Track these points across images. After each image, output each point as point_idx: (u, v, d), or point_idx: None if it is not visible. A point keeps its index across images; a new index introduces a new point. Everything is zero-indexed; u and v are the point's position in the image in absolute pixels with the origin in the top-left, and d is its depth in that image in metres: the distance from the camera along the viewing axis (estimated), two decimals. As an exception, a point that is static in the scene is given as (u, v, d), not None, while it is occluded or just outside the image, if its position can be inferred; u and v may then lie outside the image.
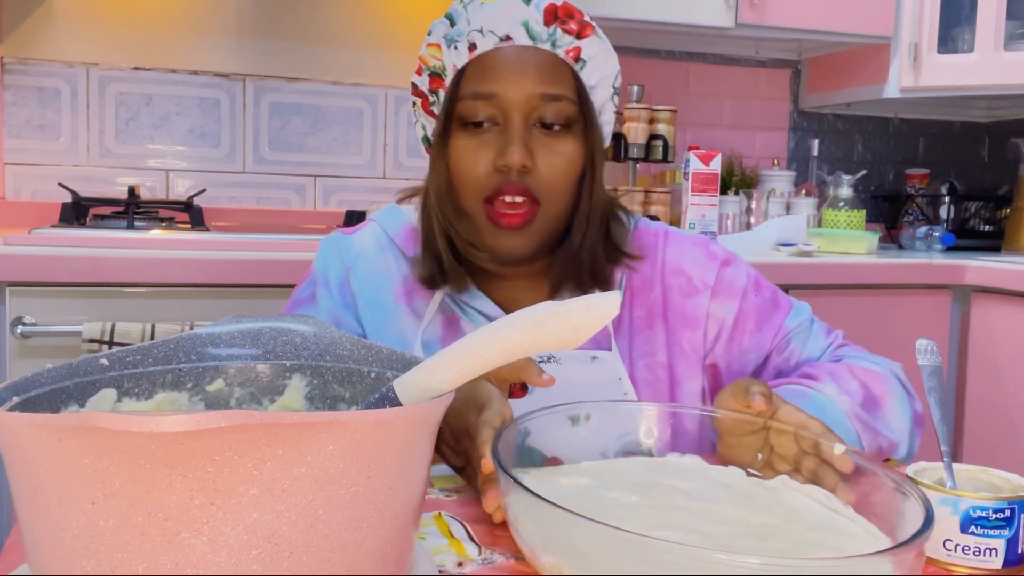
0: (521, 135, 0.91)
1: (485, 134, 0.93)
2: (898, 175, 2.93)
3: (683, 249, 1.05)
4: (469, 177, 0.93)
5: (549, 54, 0.94)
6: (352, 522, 0.46)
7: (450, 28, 0.96)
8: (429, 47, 0.98)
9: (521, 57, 0.93)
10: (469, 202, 0.94)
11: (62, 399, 0.55)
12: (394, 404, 0.53)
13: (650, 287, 1.04)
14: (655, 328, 1.03)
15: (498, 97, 0.92)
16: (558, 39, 0.94)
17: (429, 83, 0.99)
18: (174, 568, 0.42)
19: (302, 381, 0.64)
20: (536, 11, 0.94)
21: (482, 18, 0.94)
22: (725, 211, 2.42)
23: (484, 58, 0.94)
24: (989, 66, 2.31)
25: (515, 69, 0.92)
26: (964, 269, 2.10)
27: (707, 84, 2.71)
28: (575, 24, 0.95)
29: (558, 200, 0.94)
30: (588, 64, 0.96)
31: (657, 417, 0.82)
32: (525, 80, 0.92)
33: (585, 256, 0.97)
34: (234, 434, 0.41)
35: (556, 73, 0.93)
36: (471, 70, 0.94)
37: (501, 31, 0.93)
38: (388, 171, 2.37)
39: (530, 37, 0.93)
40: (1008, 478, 0.70)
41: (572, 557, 0.55)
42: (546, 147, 0.93)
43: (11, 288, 1.51)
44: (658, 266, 1.04)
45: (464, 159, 0.93)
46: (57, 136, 2.11)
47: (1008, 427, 2.02)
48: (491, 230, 0.93)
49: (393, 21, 2.33)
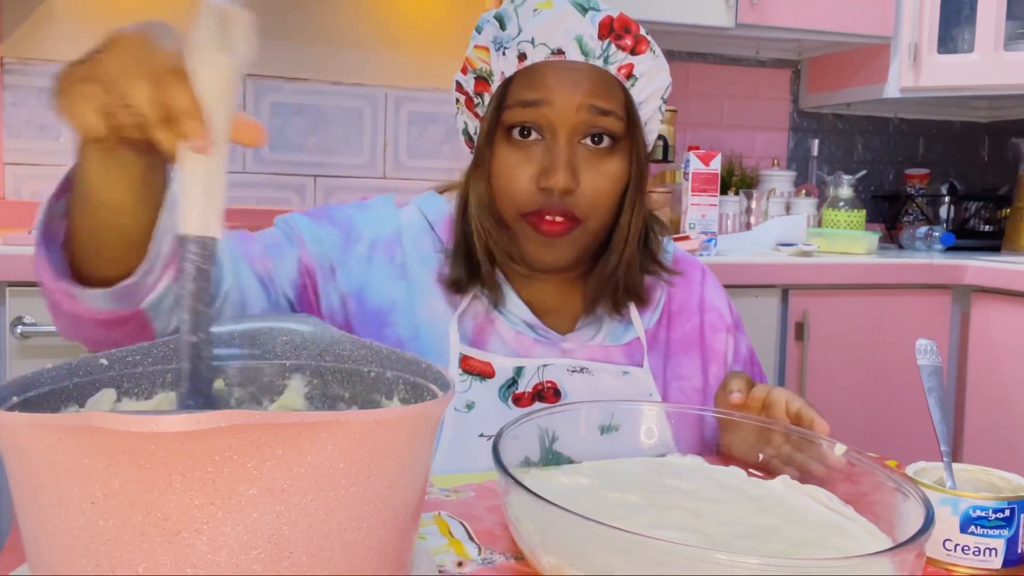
0: (567, 155, 0.89)
1: (530, 148, 0.90)
2: (898, 175, 2.93)
3: (716, 288, 1.10)
4: (510, 191, 0.91)
5: (600, 70, 0.91)
6: (352, 522, 0.46)
7: (500, 31, 0.93)
8: (476, 48, 0.95)
9: (572, 71, 0.90)
10: (508, 214, 0.93)
11: (62, 399, 0.55)
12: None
13: (689, 314, 1.06)
14: (691, 355, 1.04)
15: (545, 107, 0.89)
16: (611, 55, 0.91)
17: (475, 85, 0.96)
18: (174, 568, 0.42)
19: (302, 381, 0.64)
20: (591, 25, 0.91)
21: (534, 27, 0.90)
22: (725, 211, 2.42)
23: (533, 69, 0.91)
24: (989, 66, 2.31)
25: (565, 83, 0.89)
26: (964, 269, 2.10)
27: (707, 84, 2.71)
28: (630, 40, 0.92)
29: (599, 217, 0.92)
30: (640, 80, 0.93)
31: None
32: (575, 95, 0.89)
33: (621, 275, 0.97)
34: (234, 434, 0.41)
35: (606, 89, 0.91)
36: (519, 79, 0.91)
37: (553, 44, 0.90)
38: (388, 171, 2.37)
39: (583, 53, 0.90)
40: (1008, 478, 0.70)
41: (572, 557, 0.55)
42: (591, 166, 0.90)
43: (11, 288, 1.51)
44: (697, 298, 1.07)
45: (506, 172, 0.91)
46: (57, 136, 2.11)
47: (1008, 427, 2.02)
48: (529, 236, 0.92)
49: (393, 21, 2.33)
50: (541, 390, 0.95)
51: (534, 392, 0.95)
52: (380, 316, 0.94)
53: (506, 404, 0.94)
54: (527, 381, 0.94)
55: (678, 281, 1.07)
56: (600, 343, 0.98)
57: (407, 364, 0.61)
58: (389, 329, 0.94)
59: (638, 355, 1.00)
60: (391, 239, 0.98)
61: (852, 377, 2.09)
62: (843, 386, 2.08)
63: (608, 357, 0.99)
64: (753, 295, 1.98)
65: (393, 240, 0.98)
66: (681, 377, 1.02)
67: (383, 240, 0.97)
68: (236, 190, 2.24)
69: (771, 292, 2.00)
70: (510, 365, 0.94)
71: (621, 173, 0.93)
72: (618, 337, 0.99)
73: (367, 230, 0.98)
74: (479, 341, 0.96)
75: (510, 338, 0.96)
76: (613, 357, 0.99)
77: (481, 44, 0.94)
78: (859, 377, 2.09)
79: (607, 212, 0.93)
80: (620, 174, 0.93)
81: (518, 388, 0.94)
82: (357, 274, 0.95)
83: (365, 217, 0.99)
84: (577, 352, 0.98)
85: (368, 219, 0.99)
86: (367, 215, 0.99)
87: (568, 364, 0.96)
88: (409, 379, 0.60)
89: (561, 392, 0.95)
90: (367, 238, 0.97)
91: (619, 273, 0.96)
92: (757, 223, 2.48)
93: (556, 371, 0.95)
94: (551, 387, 0.95)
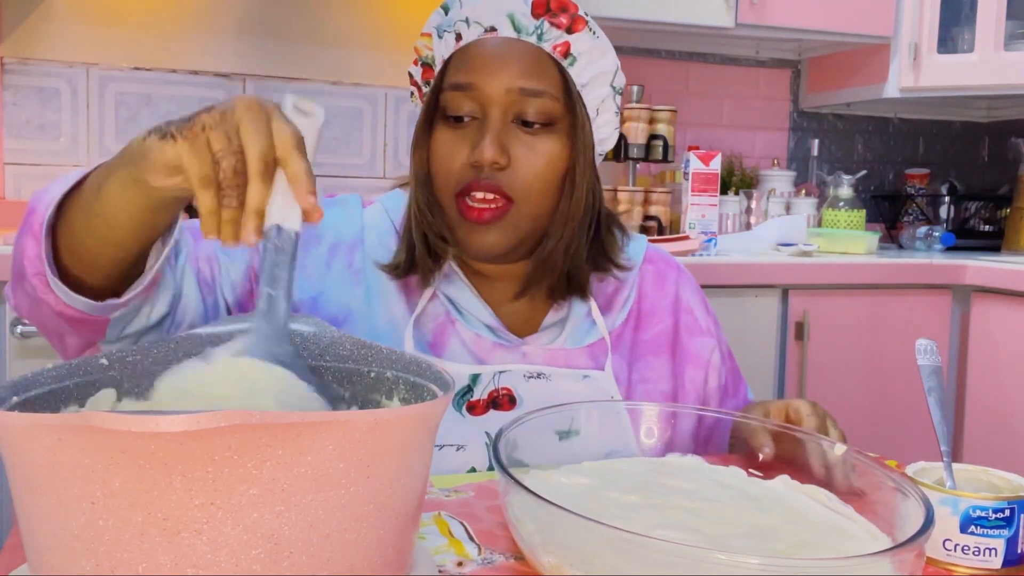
0: (496, 131, 0.88)
1: (464, 128, 0.90)
2: (898, 175, 2.93)
3: (693, 290, 1.07)
4: (444, 171, 0.90)
5: (533, 48, 0.90)
6: (352, 522, 0.46)
7: (444, 17, 0.94)
8: (422, 36, 0.96)
9: (501, 49, 0.90)
10: (443, 196, 0.91)
11: (62, 399, 0.55)
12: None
13: (661, 316, 1.03)
14: (660, 357, 1.02)
15: (476, 89, 0.89)
16: (545, 32, 0.90)
17: (422, 73, 0.97)
18: (174, 568, 0.42)
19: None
20: (523, 3, 0.91)
21: (470, 8, 0.91)
22: (725, 211, 2.42)
23: (467, 49, 0.91)
24: (989, 66, 2.31)
25: (495, 62, 0.89)
26: (964, 269, 2.10)
27: (707, 84, 2.71)
28: (566, 18, 0.91)
29: (535, 200, 0.90)
30: (579, 60, 0.92)
31: (657, 418, 0.82)
32: (504, 73, 0.88)
33: (559, 259, 0.94)
34: (233, 434, 0.41)
35: (539, 68, 0.90)
36: (454, 61, 0.92)
37: (487, 22, 0.90)
38: (388, 171, 2.37)
39: (515, 29, 0.90)
40: (1008, 478, 0.70)
41: (572, 557, 0.55)
42: (524, 144, 0.89)
43: (11, 288, 1.51)
44: (671, 299, 1.04)
45: (441, 152, 0.91)
46: (57, 136, 2.11)
47: (1008, 427, 2.02)
48: (461, 224, 0.91)
49: (393, 21, 2.33)
50: (496, 397, 0.93)
51: (489, 399, 0.93)
52: (334, 323, 0.92)
53: (459, 412, 0.92)
54: (483, 388, 0.93)
55: (651, 281, 1.04)
56: (561, 346, 0.96)
57: (407, 364, 0.61)
58: None
59: (602, 357, 0.98)
60: (352, 242, 0.97)
61: (852, 377, 2.09)
62: (843, 386, 2.08)
63: (569, 361, 0.96)
64: (753, 295, 1.98)
65: (355, 243, 0.97)
66: (647, 380, 1.00)
67: (344, 243, 0.96)
68: (236, 190, 2.24)
69: (771, 292, 2.00)
70: (466, 373, 0.92)
71: (557, 154, 0.91)
72: (579, 339, 0.97)
73: (328, 232, 0.97)
74: (438, 344, 0.94)
75: (469, 340, 0.94)
76: (575, 360, 0.97)
77: (426, 32, 0.95)
78: (859, 377, 2.09)
79: (542, 195, 0.91)
80: (556, 155, 0.91)
81: (473, 396, 0.92)
82: (314, 279, 0.94)
83: (329, 216, 0.97)
84: (536, 356, 0.95)
85: (331, 218, 0.98)
86: (330, 213, 0.98)
87: (525, 370, 0.94)
88: (409, 379, 0.60)
89: (517, 399, 0.93)
90: (327, 240, 0.96)
91: (555, 258, 0.93)
92: (757, 223, 2.48)
93: (512, 377, 0.93)
94: (506, 394, 0.93)
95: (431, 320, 0.95)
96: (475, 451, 0.91)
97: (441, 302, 0.95)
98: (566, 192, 0.92)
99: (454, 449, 0.91)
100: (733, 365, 1.09)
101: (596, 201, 0.95)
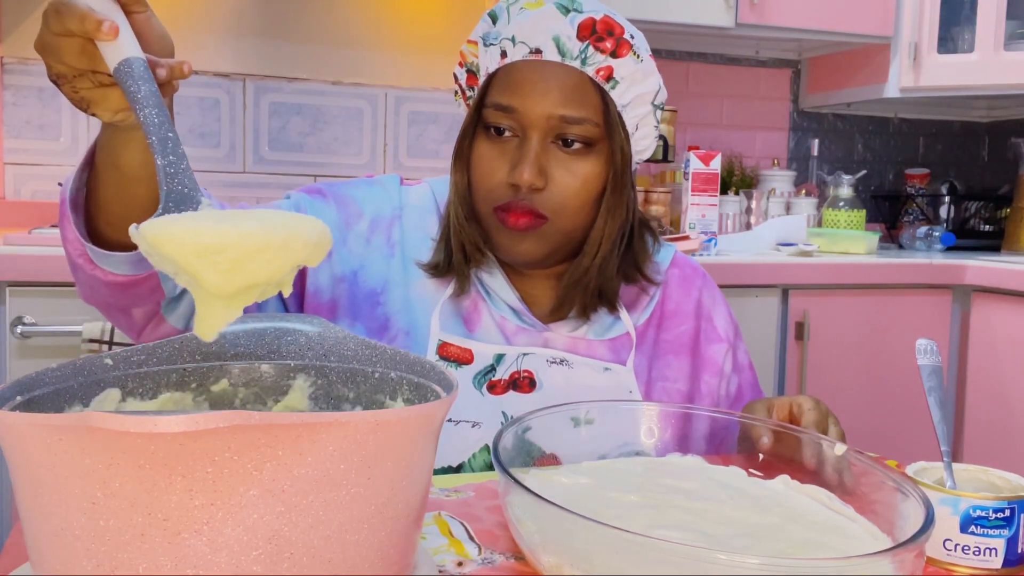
0: (536, 153, 0.89)
1: (506, 143, 0.91)
2: (898, 175, 2.93)
3: (716, 299, 1.09)
4: (484, 184, 0.92)
5: (576, 73, 0.90)
6: (353, 523, 0.46)
7: (491, 27, 0.94)
8: (468, 43, 0.96)
9: (544, 73, 0.90)
10: (482, 206, 0.94)
11: (66, 399, 0.55)
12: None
13: (684, 318, 1.05)
14: (681, 358, 1.04)
15: (518, 112, 0.90)
16: (588, 57, 0.90)
17: (466, 79, 0.98)
18: (174, 568, 0.43)
19: (306, 381, 0.65)
20: (570, 26, 0.90)
21: (517, 25, 0.91)
22: (725, 211, 2.42)
23: (511, 68, 0.91)
24: (989, 66, 2.31)
25: (537, 88, 0.89)
26: (964, 269, 2.10)
27: (707, 84, 2.71)
28: (611, 42, 0.91)
29: (569, 217, 0.92)
30: (620, 84, 0.92)
31: (658, 418, 0.82)
32: (546, 100, 0.89)
33: (592, 277, 0.96)
34: (234, 434, 0.41)
35: (580, 94, 0.90)
36: (498, 78, 0.92)
37: (532, 43, 0.90)
38: (388, 171, 2.37)
39: (560, 53, 0.90)
40: (1008, 478, 0.70)
41: (572, 557, 0.55)
42: (562, 166, 0.91)
43: (11, 288, 1.51)
44: (694, 303, 1.07)
45: (482, 167, 0.92)
46: (57, 136, 2.11)
47: (1008, 427, 2.02)
48: (500, 229, 0.93)
49: (393, 21, 2.33)
50: (517, 379, 0.96)
51: (510, 380, 0.95)
52: (373, 296, 0.96)
53: (479, 391, 0.94)
54: (505, 368, 0.95)
55: (675, 283, 1.07)
56: (584, 335, 0.99)
57: (411, 365, 0.61)
58: (380, 309, 0.96)
59: (623, 352, 1.00)
60: (391, 218, 1.00)
61: (852, 377, 2.09)
62: (843, 386, 2.08)
63: (591, 351, 0.99)
64: (753, 295, 1.98)
65: (393, 219, 1.00)
66: (666, 378, 1.02)
67: (383, 219, 1.00)
68: (236, 190, 2.24)
69: (771, 292, 2.00)
70: (491, 352, 0.95)
71: (595, 176, 0.92)
72: (602, 332, 1.00)
73: (368, 208, 1.00)
74: (471, 320, 0.97)
75: (496, 320, 0.97)
76: (596, 351, 0.99)
77: (473, 39, 0.96)
78: (859, 377, 2.09)
79: (578, 213, 0.93)
80: (593, 176, 0.92)
81: (495, 375, 0.95)
82: (356, 253, 0.97)
83: (370, 194, 1.01)
84: (558, 342, 0.98)
85: (371, 196, 1.01)
86: (371, 192, 1.02)
87: (549, 355, 0.97)
88: (413, 380, 0.60)
89: (536, 383, 0.96)
90: (368, 216, 1.00)
91: (590, 276, 0.96)
92: (757, 223, 2.48)
93: (535, 361, 0.96)
94: (528, 377, 0.96)
95: (466, 296, 0.98)
96: (490, 429, 0.93)
97: (472, 282, 0.98)
98: (602, 212, 0.94)
99: (469, 425, 0.93)
100: (752, 376, 1.10)
101: (629, 212, 0.97)
